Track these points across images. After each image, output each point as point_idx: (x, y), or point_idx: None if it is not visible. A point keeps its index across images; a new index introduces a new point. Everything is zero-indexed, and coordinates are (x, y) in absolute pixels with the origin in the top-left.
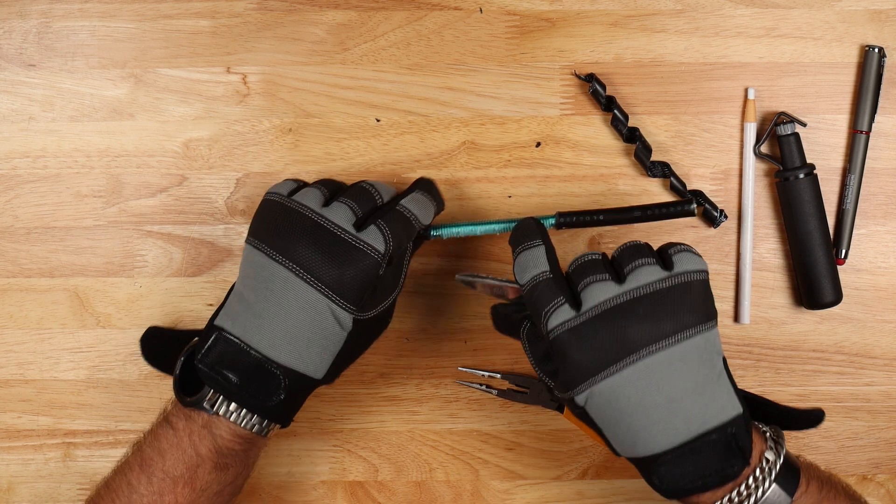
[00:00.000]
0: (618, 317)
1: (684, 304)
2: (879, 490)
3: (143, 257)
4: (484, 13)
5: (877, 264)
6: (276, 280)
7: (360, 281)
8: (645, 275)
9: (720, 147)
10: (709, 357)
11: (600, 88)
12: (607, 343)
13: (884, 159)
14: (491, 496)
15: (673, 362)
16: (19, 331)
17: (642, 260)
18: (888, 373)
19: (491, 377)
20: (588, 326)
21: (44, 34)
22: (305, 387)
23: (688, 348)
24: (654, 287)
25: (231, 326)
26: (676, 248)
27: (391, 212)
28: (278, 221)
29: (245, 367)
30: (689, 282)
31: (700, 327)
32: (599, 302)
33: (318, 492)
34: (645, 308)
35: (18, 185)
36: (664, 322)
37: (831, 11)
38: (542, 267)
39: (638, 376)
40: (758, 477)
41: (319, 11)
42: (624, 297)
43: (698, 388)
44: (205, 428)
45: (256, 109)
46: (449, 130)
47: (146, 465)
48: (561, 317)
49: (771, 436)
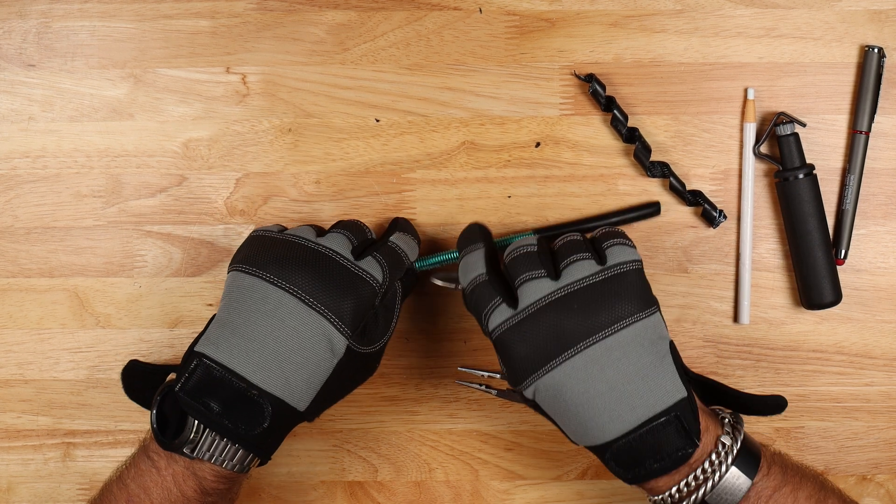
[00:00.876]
0: (554, 313)
1: (618, 295)
2: (879, 490)
3: (142, 257)
4: (484, 13)
5: (876, 264)
6: (269, 301)
7: (358, 308)
8: (578, 270)
9: (720, 147)
10: (650, 343)
11: (600, 89)
12: (546, 339)
13: (883, 159)
14: (490, 496)
15: (612, 352)
16: (19, 331)
17: (576, 255)
18: (888, 373)
19: (490, 377)
20: (526, 324)
21: (43, 34)
22: (288, 418)
23: (626, 337)
24: (588, 281)
25: (214, 352)
26: (610, 242)
27: (384, 246)
28: (272, 249)
29: (228, 394)
30: (622, 273)
31: (637, 315)
32: (535, 300)
33: (318, 492)
34: (579, 303)
35: (18, 185)
36: (599, 314)
37: (831, 11)
38: (480, 269)
39: (578, 368)
40: (714, 461)
41: (319, 11)
42: (558, 293)
43: (641, 375)
44: (188, 469)
45: (256, 109)
46: (448, 130)
47: (133, 501)
48: (500, 317)
49: (729, 421)
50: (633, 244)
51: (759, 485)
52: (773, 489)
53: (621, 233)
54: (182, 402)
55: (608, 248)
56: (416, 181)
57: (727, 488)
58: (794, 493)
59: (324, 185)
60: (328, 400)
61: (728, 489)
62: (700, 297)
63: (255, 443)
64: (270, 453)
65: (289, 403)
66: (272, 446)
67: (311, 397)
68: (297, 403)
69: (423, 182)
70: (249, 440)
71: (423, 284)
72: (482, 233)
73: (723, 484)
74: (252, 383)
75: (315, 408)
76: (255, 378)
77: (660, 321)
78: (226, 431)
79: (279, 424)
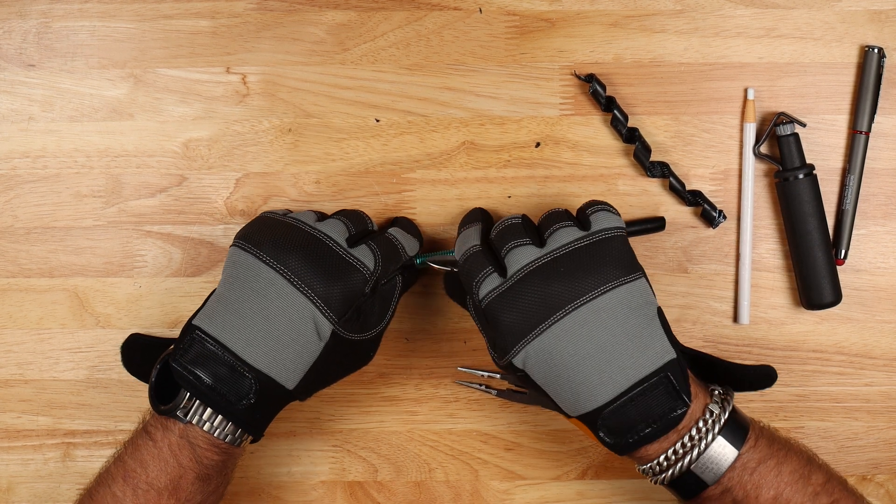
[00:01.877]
0: (540, 278)
1: (603, 259)
2: (879, 490)
3: (142, 257)
4: (484, 13)
5: (876, 265)
6: (261, 280)
7: (345, 294)
8: (563, 236)
9: (720, 147)
10: (637, 307)
11: (600, 89)
12: (533, 304)
13: (883, 159)
14: (490, 496)
15: (599, 313)
16: (19, 331)
17: (560, 224)
18: (888, 373)
19: (490, 377)
20: (513, 290)
21: (43, 34)
22: (276, 396)
23: (612, 299)
24: (573, 246)
25: (208, 325)
26: (593, 209)
27: (381, 237)
28: (272, 229)
29: (217, 366)
30: (606, 238)
31: (622, 279)
32: (521, 266)
33: (318, 492)
34: (565, 266)
35: (18, 185)
36: (585, 277)
37: (831, 12)
38: (474, 241)
39: (567, 331)
40: (701, 428)
41: (319, 11)
42: (544, 258)
43: (629, 336)
44: (182, 438)
45: (256, 109)
46: (448, 131)
47: (129, 476)
48: (489, 285)
49: (719, 392)
50: (617, 212)
51: (744, 456)
52: (758, 461)
53: (604, 201)
54: (175, 373)
55: (591, 214)
56: (416, 181)
57: (713, 457)
58: (779, 466)
59: (324, 185)
60: (320, 382)
61: (714, 458)
62: (700, 297)
63: (244, 417)
64: (261, 430)
65: (277, 380)
66: (261, 422)
67: (300, 377)
68: (286, 381)
69: (423, 182)
70: (237, 414)
71: (423, 285)
72: (482, 214)
73: (709, 452)
74: (241, 358)
75: (305, 388)
76: (245, 353)
77: (646, 286)
78: (214, 403)
79: (267, 400)
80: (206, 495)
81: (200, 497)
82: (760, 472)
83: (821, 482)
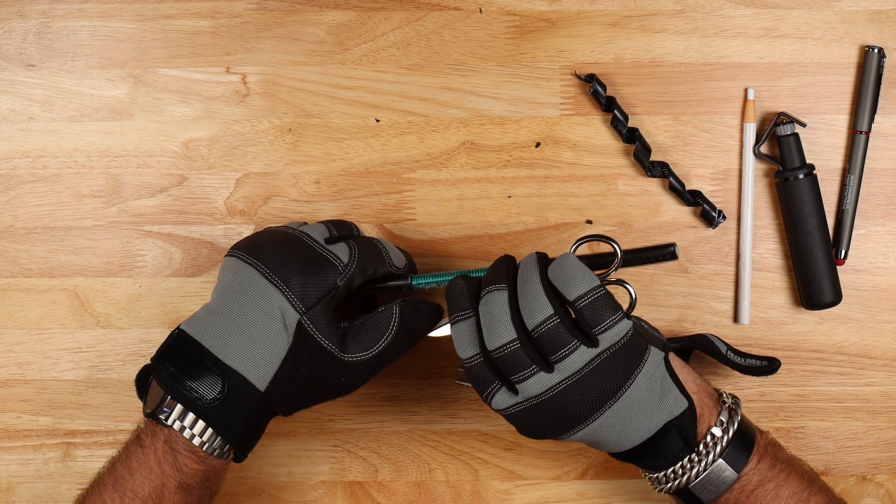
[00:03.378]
0: (557, 403)
1: (616, 370)
2: (879, 490)
3: (142, 257)
4: (484, 13)
5: (877, 264)
6: (239, 276)
7: (314, 283)
8: (572, 362)
9: (720, 147)
10: (651, 381)
11: (601, 89)
12: (553, 422)
13: (883, 159)
14: (490, 496)
15: (619, 412)
16: (19, 331)
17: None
18: (888, 373)
19: None
20: (531, 412)
21: (44, 34)
22: (248, 397)
23: (630, 397)
24: (584, 371)
25: (187, 326)
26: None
27: (362, 237)
28: (260, 235)
29: (185, 361)
30: (615, 352)
31: (635, 373)
32: (536, 394)
33: (318, 492)
34: (581, 392)
35: (18, 185)
36: (601, 392)
37: (831, 11)
38: (473, 350)
39: (591, 433)
40: (702, 451)
41: (319, 11)
42: (558, 387)
43: (647, 411)
44: (166, 444)
45: (256, 109)
46: (449, 131)
47: (118, 483)
48: (502, 402)
49: (728, 405)
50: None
51: (744, 478)
52: (757, 484)
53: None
54: (152, 368)
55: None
56: (416, 181)
57: (712, 479)
58: (777, 489)
59: (324, 185)
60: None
61: (713, 480)
62: (700, 298)
63: (216, 418)
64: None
65: (246, 377)
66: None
67: (270, 376)
68: (256, 379)
69: (423, 182)
70: (207, 413)
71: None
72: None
73: (708, 475)
74: (213, 354)
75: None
76: (216, 349)
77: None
78: (181, 398)
79: (238, 401)
80: None
81: None
82: (758, 494)
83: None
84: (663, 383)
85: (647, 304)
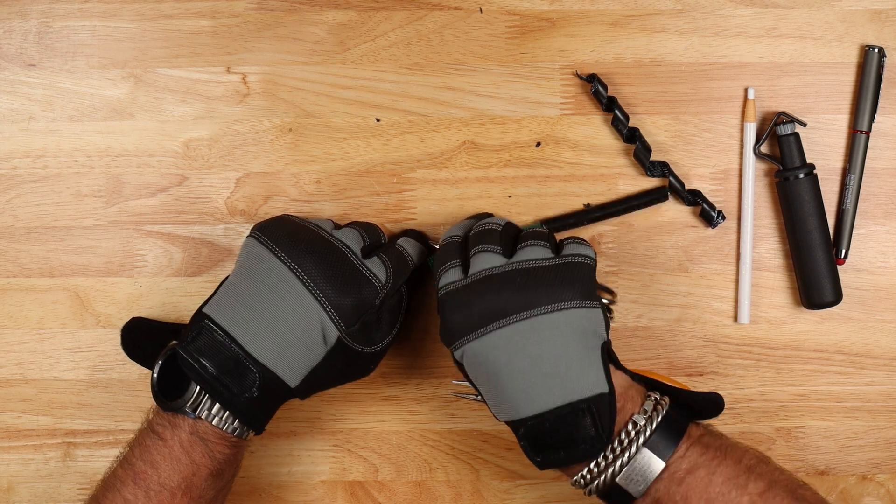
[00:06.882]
0: (495, 285)
1: (563, 280)
2: (879, 490)
3: (143, 257)
4: (484, 13)
5: (877, 264)
6: (273, 275)
7: (356, 305)
8: (531, 252)
9: (720, 147)
10: (582, 334)
11: (602, 89)
12: (481, 308)
13: (884, 159)
14: (491, 496)
15: (541, 330)
16: (19, 331)
17: (535, 241)
18: (888, 373)
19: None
20: (466, 290)
21: (44, 34)
22: (278, 392)
23: (558, 319)
24: (537, 263)
25: (218, 315)
26: (570, 239)
27: (392, 249)
28: (292, 229)
29: (224, 358)
30: (572, 262)
31: (576, 303)
32: (481, 269)
33: (318, 492)
34: (523, 280)
35: (18, 185)
36: (538, 292)
37: (831, 11)
38: (456, 232)
39: (505, 339)
40: (623, 440)
41: (319, 11)
42: (506, 268)
43: (565, 360)
44: (193, 434)
45: (256, 109)
46: (449, 130)
47: (140, 478)
48: (449, 278)
49: (654, 398)
50: (592, 247)
51: (672, 466)
52: (687, 471)
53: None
54: (181, 360)
55: (567, 243)
56: (417, 181)
57: (638, 469)
58: (710, 475)
59: (324, 184)
60: (320, 384)
61: (639, 470)
62: (700, 297)
63: (246, 411)
64: (263, 424)
65: (280, 377)
66: (263, 417)
67: (302, 376)
68: (289, 379)
69: (423, 182)
70: (239, 407)
71: (424, 285)
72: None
73: (633, 465)
74: (247, 352)
75: (306, 387)
76: (251, 347)
77: (599, 318)
78: (217, 394)
79: (269, 395)
80: (218, 490)
81: (213, 493)
82: (689, 482)
83: (759, 491)
84: (591, 352)
85: (648, 304)
